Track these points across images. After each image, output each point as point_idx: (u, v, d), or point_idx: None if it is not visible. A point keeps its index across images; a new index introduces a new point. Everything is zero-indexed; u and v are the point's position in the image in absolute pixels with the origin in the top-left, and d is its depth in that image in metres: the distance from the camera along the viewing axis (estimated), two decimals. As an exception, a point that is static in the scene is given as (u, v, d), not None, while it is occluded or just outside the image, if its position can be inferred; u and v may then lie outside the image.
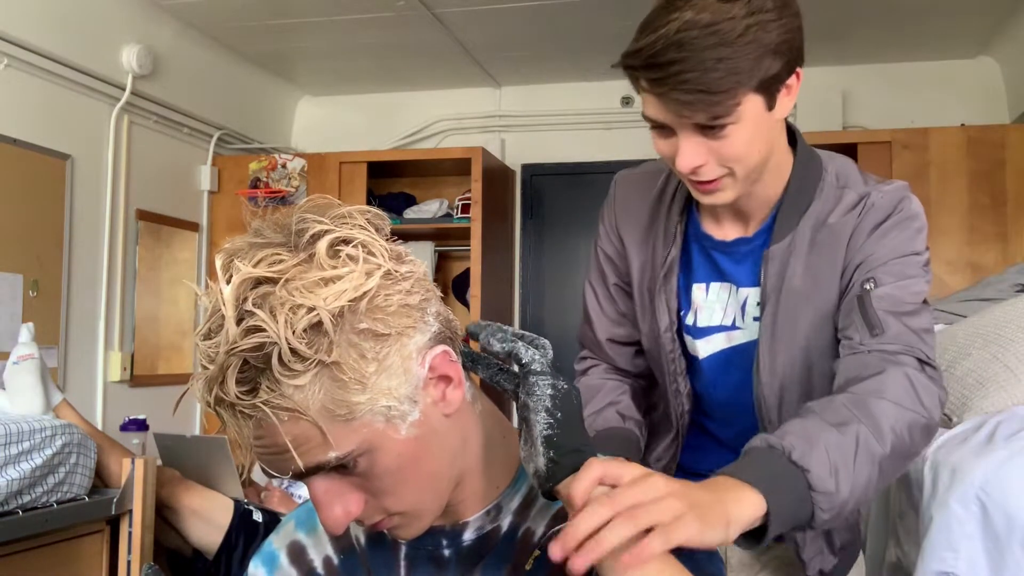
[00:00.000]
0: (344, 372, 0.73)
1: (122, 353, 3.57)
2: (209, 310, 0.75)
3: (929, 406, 1.10)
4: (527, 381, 0.83)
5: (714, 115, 1.08)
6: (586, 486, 0.78)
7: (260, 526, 2.58)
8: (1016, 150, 3.63)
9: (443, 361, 0.80)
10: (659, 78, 1.06)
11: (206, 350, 0.74)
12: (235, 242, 0.77)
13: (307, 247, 0.75)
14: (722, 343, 1.35)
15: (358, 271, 0.74)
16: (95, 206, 3.46)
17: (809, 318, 1.25)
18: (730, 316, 1.34)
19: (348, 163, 4.16)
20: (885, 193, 1.23)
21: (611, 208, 1.44)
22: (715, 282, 1.34)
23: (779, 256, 1.25)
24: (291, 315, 0.71)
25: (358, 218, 0.78)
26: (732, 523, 0.86)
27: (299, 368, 0.72)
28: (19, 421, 1.95)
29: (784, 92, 1.13)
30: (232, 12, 3.59)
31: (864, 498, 1.04)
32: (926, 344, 1.15)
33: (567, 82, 4.41)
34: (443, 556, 0.89)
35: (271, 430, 0.74)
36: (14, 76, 3.06)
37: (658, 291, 1.35)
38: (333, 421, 0.74)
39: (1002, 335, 2.01)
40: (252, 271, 0.72)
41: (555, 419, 0.81)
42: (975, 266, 3.55)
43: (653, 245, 1.38)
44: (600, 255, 1.46)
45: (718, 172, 1.15)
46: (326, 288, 0.73)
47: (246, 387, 0.73)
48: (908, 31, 3.76)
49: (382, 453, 0.77)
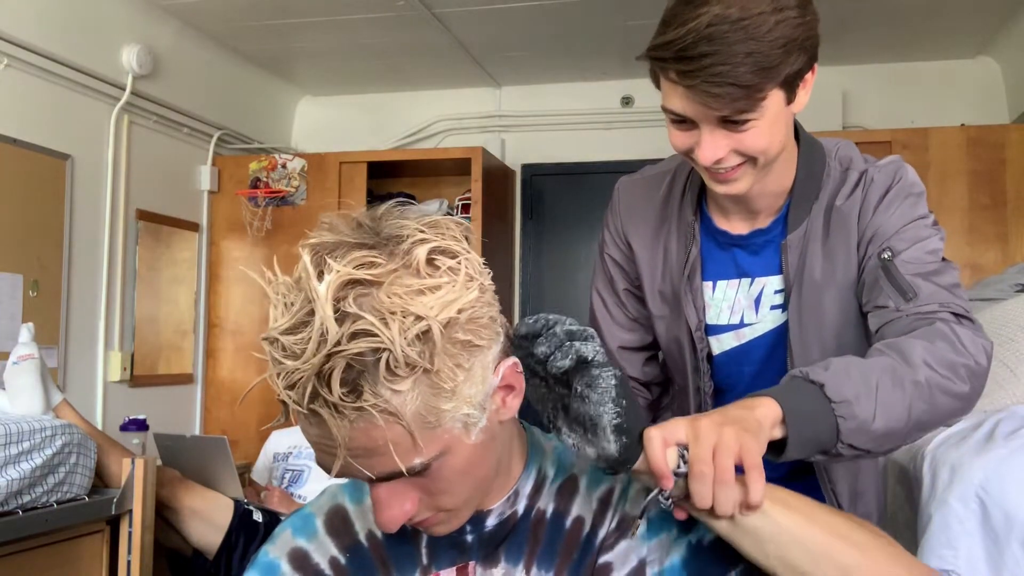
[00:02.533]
0: (442, 380, 0.76)
1: (122, 353, 3.57)
2: (292, 304, 0.75)
3: (972, 351, 1.11)
4: (588, 374, 0.85)
5: (740, 109, 1.10)
6: (661, 456, 0.83)
7: (260, 526, 2.58)
8: (1016, 150, 3.63)
9: (512, 372, 0.84)
10: (690, 70, 1.08)
11: (291, 345, 0.73)
12: (322, 237, 0.78)
13: (404, 254, 0.76)
14: (732, 341, 1.36)
15: (459, 283, 0.77)
16: (95, 206, 3.46)
17: (835, 301, 1.28)
18: (738, 314, 1.35)
19: (348, 163, 4.16)
20: (881, 168, 1.27)
21: (616, 213, 1.45)
22: (722, 280, 1.35)
23: (797, 244, 1.28)
24: (403, 322, 0.73)
25: (453, 228, 0.80)
26: (760, 427, 0.91)
27: (403, 374, 0.74)
28: (19, 421, 1.95)
29: (801, 86, 1.15)
30: (232, 12, 3.59)
31: (899, 424, 1.04)
32: (959, 298, 1.18)
33: (567, 82, 4.42)
34: (466, 542, 0.92)
35: (362, 433, 0.75)
36: (14, 76, 3.06)
37: (683, 292, 1.35)
38: (422, 427, 0.76)
39: (1002, 334, 2.02)
40: (351, 272, 0.73)
41: (621, 407, 0.84)
42: (975, 266, 3.55)
43: (665, 247, 1.38)
44: (607, 261, 1.46)
45: (737, 161, 1.16)
46: (425, 297, 0.74)
47: (347, 388, 0.73)
48: (908, 31, 3.76)
49: (454, 457, 0.80)
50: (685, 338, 1.38)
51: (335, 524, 0.99)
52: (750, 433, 0.86)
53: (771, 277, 1.32)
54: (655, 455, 0.84)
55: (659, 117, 1.24)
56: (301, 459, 3.18)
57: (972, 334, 1.13)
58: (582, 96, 4.39)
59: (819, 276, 1.28)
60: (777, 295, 1.32)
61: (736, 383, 1.39)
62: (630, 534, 0.89)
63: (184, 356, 4.07)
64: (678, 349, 1.41)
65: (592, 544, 0.90)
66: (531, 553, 0.91)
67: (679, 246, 1.36)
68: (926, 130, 3.73)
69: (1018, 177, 3.62)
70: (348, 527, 0.99)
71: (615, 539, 0.91)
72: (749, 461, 0.83)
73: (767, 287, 1.32)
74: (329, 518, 1.00)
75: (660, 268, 1.39)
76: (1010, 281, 2.62)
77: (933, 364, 1.07)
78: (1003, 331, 2.04)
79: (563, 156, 4.43)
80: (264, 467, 3.33)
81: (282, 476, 3.15)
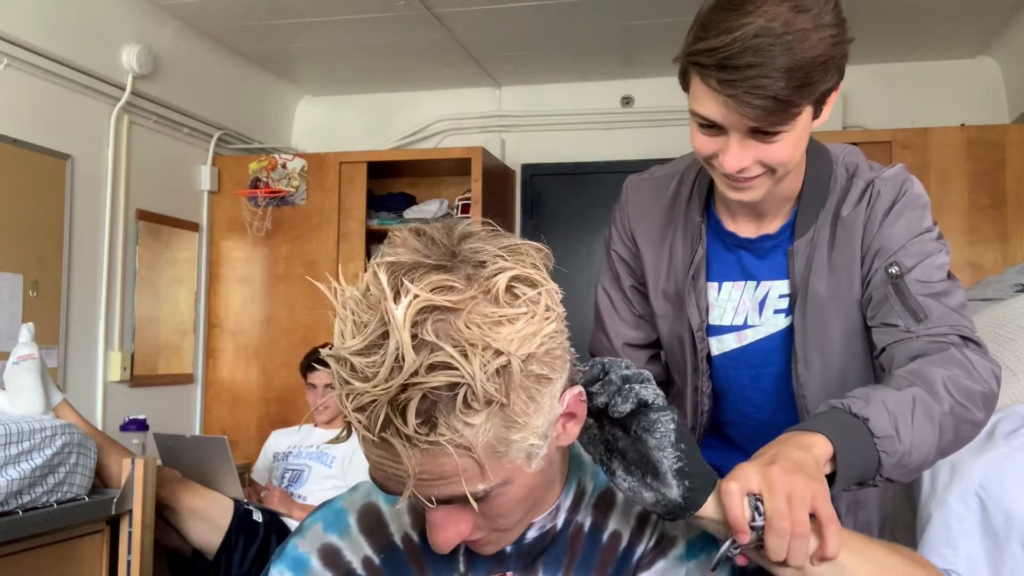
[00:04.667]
0: (516, 415, 0.75)
1: (122, 353, 3.57)
2: (364, 324, 0.72)
3: (986, 377, 1.13)
4: (647, 418, 0.84)
5: (775, 122, 1.10)
6: (740, 511, 0.82)
7: (260, 526, 2.58)
8: (1016, 150, 3.63)
9: (576, 400, 0.82)
10: (733, 80, 1.07)
11: (363, 367, 0.71)
12: (397, 255, 0.75)
13: (484, 280, 0.74)
14: (733, 343, 1.37)
15: (538, 315, 0.75)
16: (95, 206, 3.46)
17: (839, 311, 1.29)
18: (741, 315, 1.35)
19: (348, 163, 4.16)
20: (887, 180, 1.27)
21: (623, 211, 1.45)
22: (727, 281, 1.36)
23: (804, 251, 1.29)
24: (483, 356, 0.71)
25: (533, 255, 0.78)
26: (819, 470, 0.91)
27: (478, 408, 0.72)
28: (19, 421, 1.95)
29: (828, 101, 1.17)
30: (232, 12, 3.59)
31: (929, 456, 1.07)
32: (967, 320, 1.20)
33: (567, 82, 4.42)
34: (504, 552, 0.91)
35: (430, 460, 0.73)
36: (14, 76, 3.06)
37: (687, 292, 1.36)
38: (491, 457, 0.75)
39: (1002, 334, 2.01)
40: (430, 297, 0.71)
41: (681, 451, 0.84)
42: (975, 266, 3.55)
43: (671, 247, 1.39)
44: (614, 257, 1.47)
45: (758, 171, 1.17)
46: (504, 328, 0.72)
47: (421, 419, 0.71)
48: (908, 31, 3.76)
49: (514, 486, 0.79)
50: (687, 337, 1.39)
51: (369, 523, 0.98)
52: (818, 481, 0.86)
53: (777, 281, 1.33)
54: (734, 509, 0.82)
55: (659, 117, 1.24)
56: (301, 459, 3.18)
57: (982, 359, 1.15)
58: (582, 96, 4.39)
59: (824, 285, 1.29)
60: (782, 299, 1.33)
61: (734, 385, 1.40)
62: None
63: (184, 356, 4.07)
64: (679, 348, 1.41)
65: (629, 561, 0.90)
66: (568, 566, 0.90)
67: (685, 246, 1.37)
68: (926, 130, 3.73)
69: (1018, 177, 3.62)
70: (383, 527, 0.97)
71: (652, 557, 0.90)
72: (825, 514, 0.82)
73: (772, 291, 1.33)
74: (362, 516, 0.98)
75: (665, 268, 1.40)
76: (1010, 281, 2.62)
77: (955, 393, 1.09)
78: (1003, 331, 2.04)
79: (563, 156, 4.43)
80: (264, 467, 3.33)
81: (282, 476, 3.15)
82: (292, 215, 4.16)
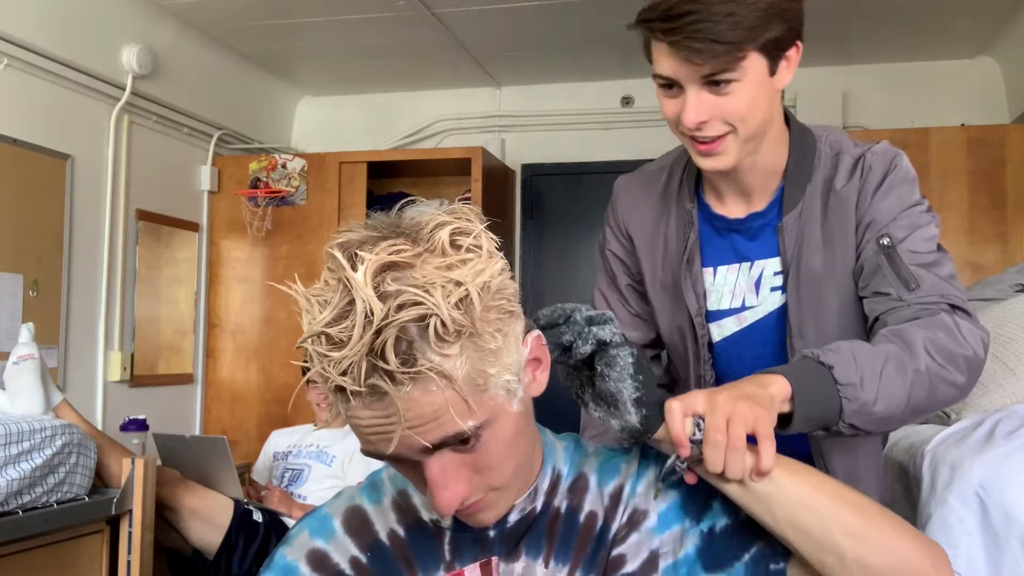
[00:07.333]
0: (486, 343, 0.80)
1: (122, 353, 3.57)
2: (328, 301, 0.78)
3: (972, 342, 1.17)
4: (607, 354, 0.93)
5: (720, 67, 1.15)
6: (680, 425, 0.91)
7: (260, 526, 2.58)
8: (1016, 150, 3.63)
9: (537, 344, 0.89)
10: (674, 28, 1.15)
11: (337, 335, 0.76)
12: (348, 236, 0.81)
13: (428, 238, 0.80)
14: (733, 326, 1.38)
15: (483, 256, 0.81)
16: (95, 206, 3.46)
17: (833, 283, 1.31)
18: (739, 298, 1.37)
19: (348, 163, 4.16)
20: (877, 154, 1.31)
21: (615, 209, 1.48)
22: (722, 265, 1.37)
23: (793, 226, 1.31)
24: (446, 289, 0.77)
25: (467, 212, 0.85)
26: (772, 403, 0.98)
27: (450, 339, 0.78)
28: (19, 421, 1.95)
29: (785, 63, 1.21)
30: (232, 12, 3.59)
31: (898, 410, 1.11)
32: (958, 289, 1.23)
33: (567, 82, 4.42)
34: (488, 537, 0.94)
35: (417, 402, 0.78)
36: (14, 76, 3.06)
37: (683, 278, 1.38)
38: (472, 391, 0.80)
39: (1002, 334, 2.02)
40: (385, 257, 0.77)
41: (639, 382, 0.92)
42: (975, 266, 3.55)
43: (664, 237, 1.41)
44: (609, 257, 1.49)
45: (721, 130, 1.21)
46: (456, 270, 0.79)
47: (400, 358, 0.76)
48: (908, 31, 3.76)
49: (500, 425, 0.84)
50: (686, 325, 1.40)
51: (354, 524, 0.99)
52: (763, 407, 0.92)
53: (770, 259, 1.35)
54: (675, 424, 0.91)
55: (658, 117, 1.26)
56: (301, 458, 3.18)
57: (971, 325, 1.19)
58: (582, 96, 4.39)
59: (817, 258, 1.31)
60: (776, 277, 1.35)
61: (737, 369, 1.40)
62: (652, 496, 0.95)
63: (184, 356, 4.07)
64: (680, 338, 1.43)
65: (605, 538, 0.94)
66: (549, 548, 0.94)
67: (678, 234, 1.39)
68: (926, 130, 3.73)
69: (1018, 177, 3.62)
70: (368, 527, 0.99)
71: (626, 532, 0.94)
72: (762, 431, 0.89)
73: (766, 269, 1.35)
74: (347, 518, 1.00)
75: (660, 258, 1.42)
76: (1010, 281, 2.62)
77: (934, 353, 1.13)
78: (1003, 331, 2.04)
79: (563, 156, 4.43)
80: (264, 467, 3.33)
81: (282, 476, 3.15)
82: (292, 215, 4.16)
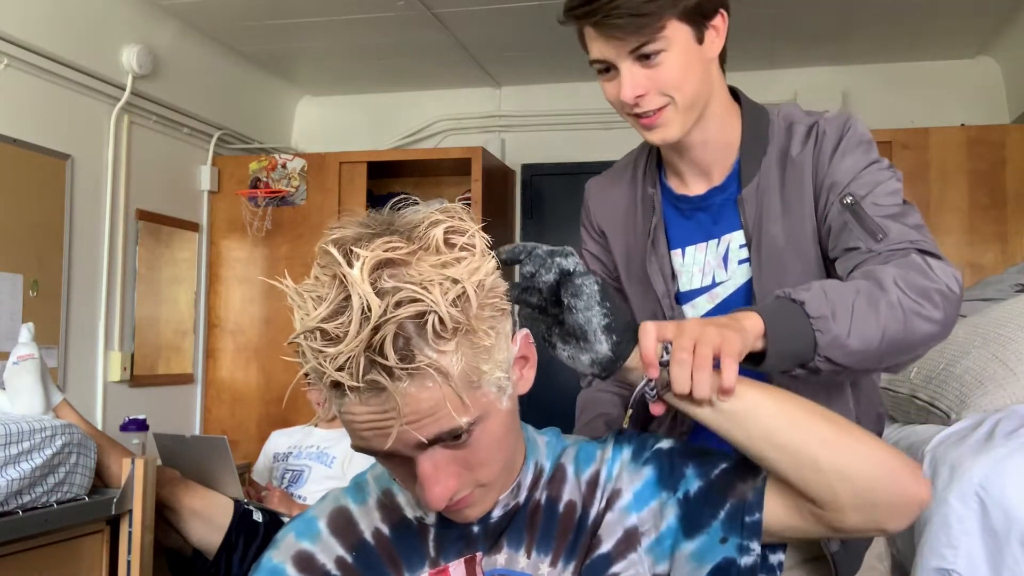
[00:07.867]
0: (480, 340, 0.82)
1: (122, 353, 3.57)
2: (323, 296, 0.78)
3: (943, 276, 1.17)
4: (572, 284, 0.94)
5: (644, 39, 1.21)
6: (652, 347, 0.92)
7: (260, 526, 2.58)
8: (1016, 150, 3.63)
9: (526, 343, 0.91)
10: (593, 9, 1.22)
11: (333, 330, 0.77)
12: (342, 233, 0.83)
13: (422, 236, 0.81)
14: (706, 304, 1.39)
15: (477, 255, 0.83)
16: (95, 206, 3.46)
17: (795, 251, 1.32)
18: (709, 275, 1.38)
19: (348, 163, 4.16)
20: (830, 121, 1.33)
21: (587, 210, 1.51)
22: (690, 245, 1.39)
23: (752, 197, 1.33)
24: (443, 286, 0.78)
25: (460, 211, 0.86)
26: (744, 334, 0.99)
27: (447, 336, 0.79)
28: (19, 421, 1.95)
29: (713, 32, 1.26)
30: (232, 12, 3.59)
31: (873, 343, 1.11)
32: (927, 238, 1.23)
33: (567, 82, 4.41)
34: (472, 533, 0.96)
35: (414, 397, 0.79)
36: (14, 76, 3.06)
37: (649, 260, 1.39)
38: (467, 387, 0.81)
39: (1001, 334, 2.02)
40: (381, 254, 0.78)
41: (607, 309, 0.94)
42: (975, 266, 3.56)
43: (633, 224, 1.43)
44: (587, 258, 1.51)
45: (659, 102, 1.26)
46: (451, 267, 0.80)
47: (399, 354, 0.77)
48: (908, 31, 3.76)
49: (491, 421, 0.85)
50: (658, 310, 1.41)
51: (339, 524, 1.00)
52: (732, 332, 0.94)
53: (734, 233, 1.36)
54: (647, 344, 0.92)
55: (658, 118, 1.28)
56: (301, 459, 3.18)
57: (942, 264, 1.19)
58: (582, 96, 4.39)
59: (778, 227, 1.32)
60: (742, 249, 1.36)
61: None
62: (623, 424, 0.98)
63: (184, 356, 4.07)
64: None
65: (585, 525, 0.96)
66: (531, 540, 0.95)
67: (643, 218, 1.41)
68: (926, 130, 3.73)
69: (1018, 177, 3.62)
70: (353, 527, 1.00)
71: (604, 514, 0.96)
72: (726, 350, 0.90)
73: (732, 243, 1.36)
74: (332, 519, 1.01)
75: (631, 248, 1.44)
76: (1010, 281, 2.62)
77: (904, 288, 1.13)
78: (1003, 331, 2.04)
79: (563, 156, 4.43)
80: (264, 467, 3.33)
81: (282, 476, 3.15)
82: (292, 215, 4.16)
